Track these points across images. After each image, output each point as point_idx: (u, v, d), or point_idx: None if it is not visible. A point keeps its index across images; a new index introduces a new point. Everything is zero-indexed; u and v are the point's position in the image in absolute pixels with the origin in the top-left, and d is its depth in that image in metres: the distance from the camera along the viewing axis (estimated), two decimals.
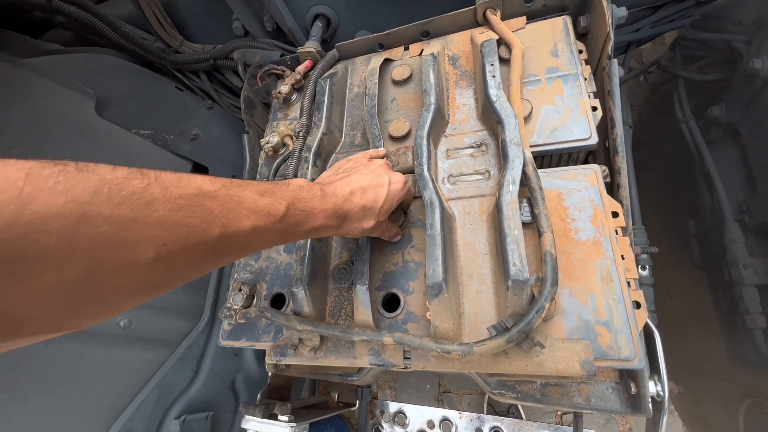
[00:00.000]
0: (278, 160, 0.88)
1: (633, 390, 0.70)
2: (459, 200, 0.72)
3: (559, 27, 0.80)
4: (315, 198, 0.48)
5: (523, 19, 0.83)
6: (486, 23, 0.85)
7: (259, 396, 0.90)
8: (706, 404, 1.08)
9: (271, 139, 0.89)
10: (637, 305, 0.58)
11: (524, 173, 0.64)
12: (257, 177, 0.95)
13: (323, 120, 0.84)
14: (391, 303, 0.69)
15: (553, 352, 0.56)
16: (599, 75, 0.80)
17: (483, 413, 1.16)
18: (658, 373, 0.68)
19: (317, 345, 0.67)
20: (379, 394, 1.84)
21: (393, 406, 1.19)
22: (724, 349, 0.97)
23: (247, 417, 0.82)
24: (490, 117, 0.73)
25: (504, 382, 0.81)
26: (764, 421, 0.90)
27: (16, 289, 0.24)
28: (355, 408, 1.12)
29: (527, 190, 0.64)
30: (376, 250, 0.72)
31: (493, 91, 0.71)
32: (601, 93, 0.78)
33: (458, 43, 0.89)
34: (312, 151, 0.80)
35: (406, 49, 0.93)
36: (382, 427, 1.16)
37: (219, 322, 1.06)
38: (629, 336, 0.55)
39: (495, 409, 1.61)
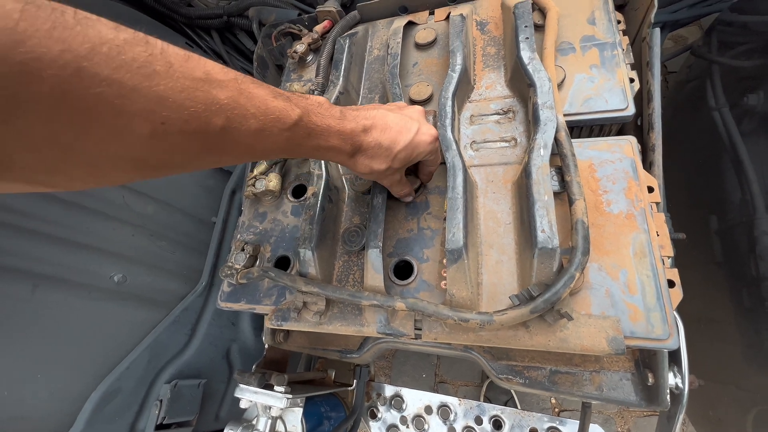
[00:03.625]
0: None
1: (650, 381, 0.66)
2: (482, 167, 0.68)
3: None
4: (333, 117, 0.44)
5: None
6: None
7: (254, 367, 0.86)
8: (716, 409, 1.05)
9: None
10: (671, 284, 0.54)
11: (556, 139, 0.59)
12: None
13: (341, 78, 0.79)
14: (403, 271, 0.65)
15: (578, 328, 0.52)
16: (636, 48, 0.76)
17: None
18: (679, 364, 0.64)
19: (322, 309, 0.63)
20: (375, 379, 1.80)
21: (390, 390, 1.15)
22: (739, 351, 0.93)
23: (241, 386, 0.78)
24: (520, 82, 0.69)
25: (512, 367, 0.78)
26: None
27: (4, 129, 0.23)
28: (351, 388, 1.08)
29: (557, 159, 0.60)
30: (389, 215, 0.68)
31: (526, 54, 0.66)
32: (638, 66, 0.74)
33: (487, 8, 0.84)
34: None
35: (431, 13, 0.89)
36: (378, 410, 1.12)
37: (217, 287, 1.01)
38: (663, 314, 0.51)
39: (491, 402, 1.58)
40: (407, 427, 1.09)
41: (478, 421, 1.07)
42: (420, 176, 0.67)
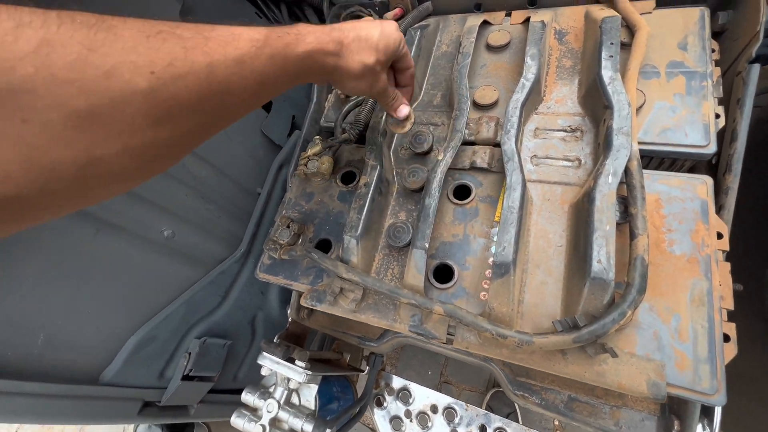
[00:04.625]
0: (349, 105, 0.84)
1: (676, 428, 0.64)
2: (539, 183, 0.66)
3: (693, 18, 0.70)
4: (300, 26, 0.45)
5: (652, 2, 0.74)
6: (607, 0, 0.76)
7: (276, 338, 0.89)
8: None
9: None
10: (726, 338, 0.51)
11: (626, 168, 0.57)
12: (322, 121, 0.91)
13: None
14: (443, 274, 0.65)
15: (618, 365, 0.50)
16: (727, 81, 0.71)
17: None
18: (710, 417, 0.62)
19: (359, 297, 0.64)
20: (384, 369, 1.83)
21: (398, 382, 1.17)
22: None
23: (265, 354, 0.82)
24: (595, 101, 0.66)
25: (530, 385, 0.77)
26: None
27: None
28: (364, 373, 1.10)
29: (622, 188, 0.58)
30: (437, 217, 0.67)
31: (608, 73, 0.63)
32: (725, 101, 0.69)
33: (569, 17, 0.80)
34: None
35: (507, 15, 0.86)
36: (385, 399, 1.15)
37: (253, 256, 1.05)
38: (713, 368, 0.48)
39: (494, 412, 1.58)
40: (411, 421, 1.11)
41: (482, 429, 1.07)
42: (399, 84, 0.63)
